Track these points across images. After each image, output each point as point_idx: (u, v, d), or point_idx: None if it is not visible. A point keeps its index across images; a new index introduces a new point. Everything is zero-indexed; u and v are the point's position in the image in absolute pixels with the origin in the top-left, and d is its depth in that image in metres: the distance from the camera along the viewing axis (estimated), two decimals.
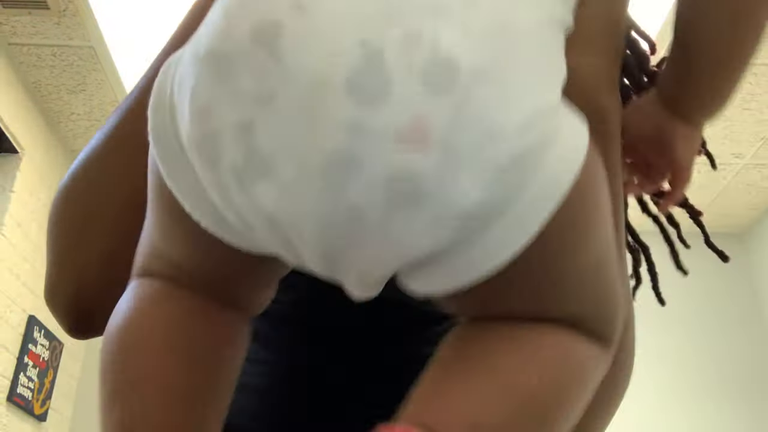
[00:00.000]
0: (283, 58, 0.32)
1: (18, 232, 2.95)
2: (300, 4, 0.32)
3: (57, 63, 2.85)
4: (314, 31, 0.32)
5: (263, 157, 0.32)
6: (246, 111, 0.33)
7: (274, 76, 0.32)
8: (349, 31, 0.32)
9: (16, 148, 2.94)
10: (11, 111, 2.85)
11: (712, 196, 3.75)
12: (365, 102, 0.31)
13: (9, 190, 2.91)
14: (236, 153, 0.33)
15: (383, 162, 0.31)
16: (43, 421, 3.21)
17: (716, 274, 4.02)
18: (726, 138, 3.25)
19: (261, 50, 0.33)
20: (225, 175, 0.34)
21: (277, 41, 0.32)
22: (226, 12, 0.35)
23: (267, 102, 0.32)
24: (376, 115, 0.31)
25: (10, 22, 2.65)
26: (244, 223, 0.35)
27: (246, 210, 0.34)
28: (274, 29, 0.33)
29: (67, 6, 2.56)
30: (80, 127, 3.24)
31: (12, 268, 2.91)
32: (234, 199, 0.34)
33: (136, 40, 2.73)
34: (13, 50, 2.78)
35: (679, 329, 3.85)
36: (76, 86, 2.98)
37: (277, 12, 0.33)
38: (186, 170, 0.36)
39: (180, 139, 0.36)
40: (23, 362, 2.99)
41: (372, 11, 0.32)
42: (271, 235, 0.35)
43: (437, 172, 0.31)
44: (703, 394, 3.70)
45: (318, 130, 0.32)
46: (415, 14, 0.32)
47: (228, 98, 0.33)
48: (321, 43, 0.32)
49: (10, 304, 2.91)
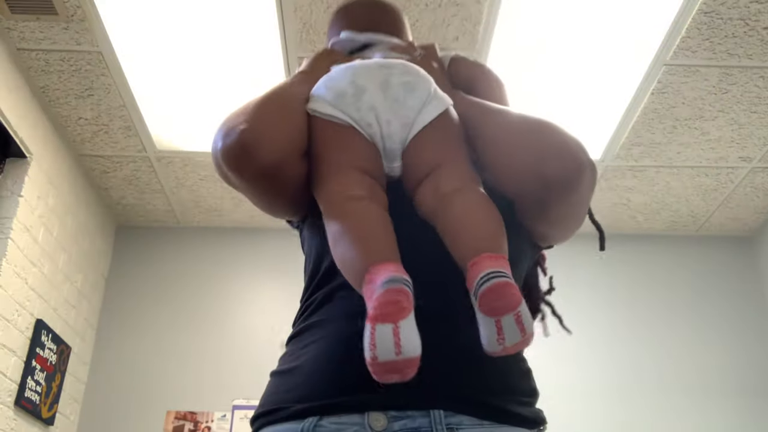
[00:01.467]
0: (367, 87, 0.99)
1: (26, 237, 2.97)
2: (360, 85, 1.00)
3: (65, 68, 2.86)
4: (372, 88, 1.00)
5: (369, 99, 0.99)
6: (362, 89, 0.99)
7: (368, 88, 0.99)
8: (373, 85, 1.00)
9: (24, 152, 2.95)
10: (19, 116, 2.86)
11: (720, 200, 3.74)
12: (384, 89, 1.00)
13: (17, 194, 2.92)
14: (364, 98, 0.98)
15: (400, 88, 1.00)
16: (51, 425, 3.21)
17: (725, 276, 4.01)
18: (734, 141, 3.23)
19: (366, 85, 1.00)
20: (362, 106, 0.98)
21: (365, 87, 0.99)
22: (353, 74, 1.02)
23: (363, 90, 0.99)
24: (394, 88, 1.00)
25: (18, 27, 2.66)
26: (367, 122, 0.97)
27: (367, 113, 0.97)
28: (362, 87, 0.99)
29: (75, 11, 2.57)
30: (88, 132, 3.25)
31: (20, 272, 2.92)
32: (363, 111, 0.97)
33: (143, 45, 2.74)
34: (22, 55, 2.80)
35: (689, 331, 3.84)
36: (83, 91, 2.99)
37: (367, 81, 1.00)
38: (348, 110, 0.98)
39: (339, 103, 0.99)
40: (31, 366, 3.00)
41: (379, 87, 1.01)
42: (375, 121, 0.97)
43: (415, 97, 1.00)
44: (713, 395, 3.68)
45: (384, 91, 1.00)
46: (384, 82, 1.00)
47: (358, 89, 0.99)
48: (373, 83, 1.00)
49: (18, 308, 2.91)
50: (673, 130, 3.21)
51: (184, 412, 3.56)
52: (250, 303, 3.90)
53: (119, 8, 2.57)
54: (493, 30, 2.67)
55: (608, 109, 3.09)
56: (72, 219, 3.43)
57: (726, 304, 3.93)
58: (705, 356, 3.79)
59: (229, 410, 3.54)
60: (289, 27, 2.66)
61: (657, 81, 2.91)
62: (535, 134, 0.93)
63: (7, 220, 2.87)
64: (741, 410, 3.66)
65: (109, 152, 3.40)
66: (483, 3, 2.57)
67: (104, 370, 3.68)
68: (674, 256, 4.05)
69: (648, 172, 3.52)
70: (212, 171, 3.53)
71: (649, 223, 4.02)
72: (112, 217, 3.97)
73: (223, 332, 3.79)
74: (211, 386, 3.63)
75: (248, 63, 2.83)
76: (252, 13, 2.59)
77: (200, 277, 3.93)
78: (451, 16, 2.62)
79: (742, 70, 2.85)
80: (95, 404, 3.60)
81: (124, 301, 3.85)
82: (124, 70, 2.86)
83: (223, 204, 3.85)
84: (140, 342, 3.74)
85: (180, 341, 3.75)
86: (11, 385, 2.87)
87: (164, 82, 2.93)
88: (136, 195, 3.77)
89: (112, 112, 3.12)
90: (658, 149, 3.34)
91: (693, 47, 2.73)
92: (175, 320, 3.80)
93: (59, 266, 3.29)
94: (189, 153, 3.41)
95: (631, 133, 3.23)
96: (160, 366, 3.69)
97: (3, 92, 2.72)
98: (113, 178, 3.62)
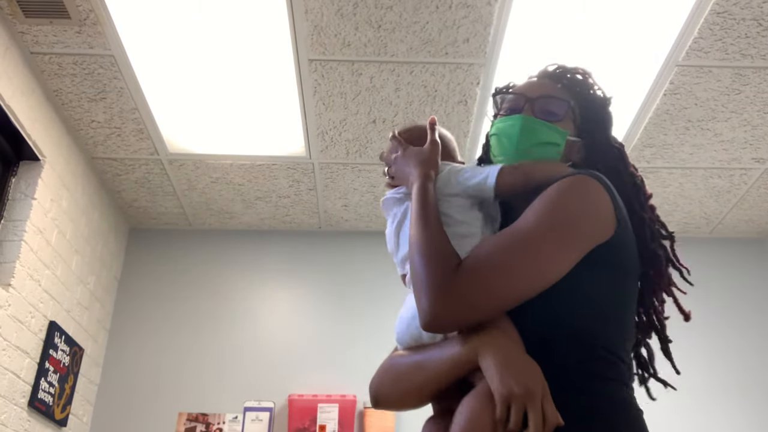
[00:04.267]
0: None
1: (39, 239, 2.99)
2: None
3: (78, 71, 2.88)
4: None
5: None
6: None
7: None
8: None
9: (37, 155, 2.97)
10: (33, 119, 2.89)
11: (734, 202, 3.71)
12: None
13: (31, 197, 2.94)
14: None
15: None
16: (64, 426, 3.23)
17: (739, 278, 3.97)
18: (747, 142, 3.21)
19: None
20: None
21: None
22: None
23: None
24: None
25: (31, 31, 2.68)
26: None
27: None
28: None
29: (87, 15, 2.59)
30: (100, 135, 3.27)
31: (33, 275, 2.94)
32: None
33: (155, 49, 2.75)
34: (35, 59, 2.82)
35: (702, 333, 3.81)
36: (96, 94, 3.01)
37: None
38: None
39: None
40: (44, 367, 3.02)
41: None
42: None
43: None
44: (725, 397, 3.65)
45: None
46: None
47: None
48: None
49: (31, 310, 2.94)
50: (686, 132, 3.19)
51: (195, 414, 3.57)
52: (261, 305, 3.91)
53: (131, 12, 2.58)
54: (504, 32, 2.66)
55: (620, 111, 3.07)
56: (85, 221, 3.45)
57: (739, 306, 3.90)
58: (718, 359, 3.76)
59: (240, 412, 3.54)
60: (299, 30, 2.66)
61: (669, 82, 2.89)
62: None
63: (20, 223, 2.89)
64: (754, 412, 3.63)
65: (122, 155, 3.42)
66: (494, 5, 2.56)
67: (117, 371, 3.70)
68: (687, 258, 4.01)
69: (660, 173, 3.50)
70: (223, 173, 3.55)
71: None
72: (125, 220, 4.00)
73: (234, 334, 3.80)
74: (222, 388, 3.64)
75: (259, 66, 2.83)
76: (263, 17, 2.60)
77: (211, 279, 3.94)
78: (461, 18, 2.62)
79: (755, 70, 2.83)
80: (108, 405, 3.62)
81: (137, 303, 3.87)
82: (136, 74, 2.87)
83: (234, 206, 3.86)
84: (152, 343, 3.76)
85: (192, 343, 3.76)
86: (25, 387, 2.89)
87: (176, 85, 2.95)
88: (148, 197, 3.79)
89: (124, 115, 3.13)
90: (670, 150, 3.32)
91: (705, 48, 2.72)
92: (187, 322, 3.82)
93: (72, 268, 3.31)
94: (201, 156, 3.42)
95: (643, 135, 3.21)
96: (171, 367, 3.70)
97: (17, 95, 2.74)
98: (125, 181, 3.64)
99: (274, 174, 3.56)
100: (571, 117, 1.30)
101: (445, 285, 1.04)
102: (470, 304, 1.04)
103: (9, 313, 2.76)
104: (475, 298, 1.04)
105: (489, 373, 0.99)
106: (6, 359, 2.74)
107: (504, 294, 1.04)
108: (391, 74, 2.89)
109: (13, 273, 2.79)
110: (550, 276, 1.06)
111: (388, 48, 2.76)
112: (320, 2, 2.55)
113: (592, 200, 1.11)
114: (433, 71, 2.88)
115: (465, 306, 1.04)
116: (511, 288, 1.04)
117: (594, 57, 2.77)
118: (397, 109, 3.09)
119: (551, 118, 1.28)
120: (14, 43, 2.70)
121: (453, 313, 1.04)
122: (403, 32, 2.69)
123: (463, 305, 1.04)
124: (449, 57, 2.80)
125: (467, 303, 1.04)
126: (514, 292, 1.05)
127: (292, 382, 3.63)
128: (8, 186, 2.95)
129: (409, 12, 2.60)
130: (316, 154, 3.39)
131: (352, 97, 3.02)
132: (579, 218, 1.10)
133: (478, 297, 1.04)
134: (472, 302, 1.04)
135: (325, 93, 3.00)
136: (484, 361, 1.01)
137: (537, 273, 1.05)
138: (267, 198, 3.78)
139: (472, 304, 1.04)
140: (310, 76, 2.90)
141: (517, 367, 0.98)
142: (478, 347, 1.03)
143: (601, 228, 1.11)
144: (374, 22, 2.64)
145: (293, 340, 3.72)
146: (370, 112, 3.12)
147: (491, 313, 1.05)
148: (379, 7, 2.57)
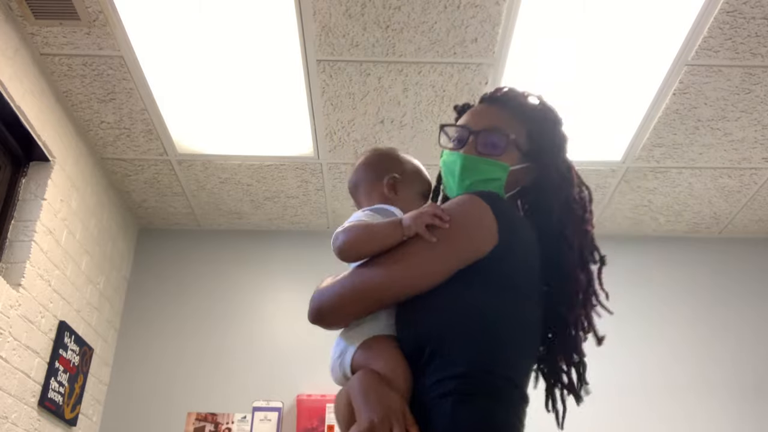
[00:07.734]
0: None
1: (49, 239, 3.00)
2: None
3: (87, 72, 2.89)
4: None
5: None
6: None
7: None
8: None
9: (47, 156, 2.99)
10: (43, 120, 2.90)
11: (744, 201, 3.69)
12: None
13: (40, 197, 2.96)
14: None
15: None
16: (74, 425, 3.25)
17: (748, 278, 3.95)
18: (757, 142, 3.19)
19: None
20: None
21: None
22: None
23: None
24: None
25: (41, 32, 2.70)
26: None
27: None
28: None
29: (97, 17, 2.60)
30: (110, 136, 3.28)
31: (43, 275, 2.96)
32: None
33: (164, 49, 2.76)
34: (45, 60, 2.83)
35: (711, 333, 3.80)
36: (105, 95, 3.02)
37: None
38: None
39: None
40: (54, 367, 3.03)
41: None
42: None
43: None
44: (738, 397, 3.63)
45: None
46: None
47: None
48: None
49: (41, 309, 2.95)
50: (695, 131, 3.17)
51: (204, 414, 3.58)
52: (270, 305, 3.91)
53: (140, 13, 2.59)
54: (512, 31, 2.66)
55: (629, 110, 3.07)
56: (94, 222, 3.47)
57: (749, 306, 3.88)
58: (728, 358, 3.74)
59: (249, 411, 3.55)
60: (308, 30, 2.67)
61: (679, 81, 2.88)
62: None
63: (30, 223, 2.90)
64: (764, 412, 3.61)
65: (131, 155, 3.43)
66: (502, 4, 2.56)
67: (126, 371, 3.71)
68: (696, 258, 4.00)
69: (670, 173, 3.49)
70: (232, 174, 3.55)
71: (671, 225, 3.98)
72: (134, 220, 4.01)
73: (243, 334, 3.81)
74: (231, 388, 3.65)
75: (268, 66, 2.84)
76: (271, 17, 2.61)
77: (220, 279, 3.95)
78: (469, 18, 2.62)
79: (765, 69, 2.81)
80: (117, 405, 3.64)
81: (146, 303, 3.89)
82: (145, 74, 2.88)
83: (242, 207, 3.87)
84: (162, 343, 3.77)
85: (201, 343, 3.77)
86: (35, 386, 2.91)
87: (185, 85, 2.96)
88: (157, 198, 3.80)
89: (133, 116, 3.15)
90: (680, 150, 3.31)
91: (715, 47, 2.70)
92: (196, 322, 3.83)
93: (82, 268, 3.33)
94: (210, 156, 3.43)
95: (652, 134, 3.20)
96: (181, 367, 3.71)
97: (27, 97, 2.76)
98: (135, 181, 3.65)
99: (283, 174, 3.57)
100: (515, 146, 1.32)
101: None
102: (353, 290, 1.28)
103: (19, 313, 2.77)
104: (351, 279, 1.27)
105: (354, 407, 1.12)
106: (16, 359, 2.75)
107: (366, 250, 1.22)
108: (399, 74, 2.89)
109: (23, 273, 2.81)
110: (418, 270, 1.18)
111: (396, 48, 2.76)
112: (328, 3, 2.55)
113: (471, 214, 1.19)
114: (442, 71, 2.88)
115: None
116: (372, 252, 1.22)
117: (603, 57, 2.76)
118: (405, 109, 3.09)
119: (493, 151, 1.30)
120: (24, 44, 2.72)
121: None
122: (411, 32, 2.68)
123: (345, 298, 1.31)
124: (457, 57, 2.80)
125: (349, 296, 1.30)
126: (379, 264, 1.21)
127: (301, 382, 3.63)
128: (18, 186, 2.97)
129: (417, 12, 2.59)
130: (324, 154, 3.39)
131: (360, 98, 3.03)
132: (455, 226, 1.17)
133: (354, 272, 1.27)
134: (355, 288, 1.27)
135: (333, 93, 3.00)
136: (351, 394, 1.14)
137: (405, 264, 1.18)
138: (275, 198, 3.78)
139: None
140: (319, 77, 2.90)
141: (376, 398, 1.08)
142: (350, 385, 1.16)
143: (478, 241, 1.17)
144: (382, 23, 2.64)
145: (301, 340, 3.72)
146: (378, 113, 3.12)
147: (366, 305, 1.23)
148: (387, 7, 2.57)
